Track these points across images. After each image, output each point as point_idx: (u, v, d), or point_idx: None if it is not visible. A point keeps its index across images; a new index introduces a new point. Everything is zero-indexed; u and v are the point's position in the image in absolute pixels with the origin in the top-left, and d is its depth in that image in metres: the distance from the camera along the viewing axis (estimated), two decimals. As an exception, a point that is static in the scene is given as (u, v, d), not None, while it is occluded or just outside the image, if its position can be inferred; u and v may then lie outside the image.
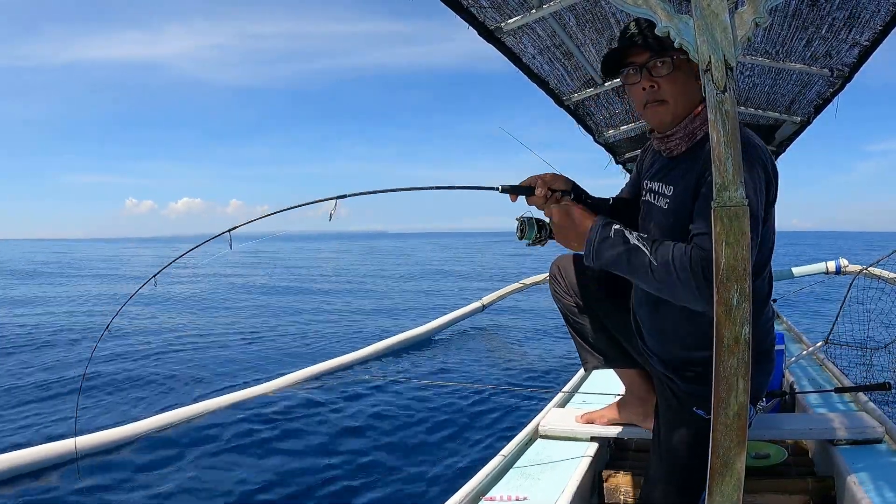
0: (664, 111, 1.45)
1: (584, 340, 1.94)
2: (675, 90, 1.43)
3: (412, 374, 5.74)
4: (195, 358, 6.66)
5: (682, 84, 1.43)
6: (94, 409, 4.69)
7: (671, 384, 1.58)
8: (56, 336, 8.07)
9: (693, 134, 1.45)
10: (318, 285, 16.88)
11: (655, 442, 1.64)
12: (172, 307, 11.58)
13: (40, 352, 7.08)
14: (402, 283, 18.08)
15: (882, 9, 1.97)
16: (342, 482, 3.31)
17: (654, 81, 1.44)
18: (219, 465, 3.50)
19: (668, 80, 1.43)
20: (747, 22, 0.94)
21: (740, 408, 0.96)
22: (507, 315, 9.81)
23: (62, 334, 8.20)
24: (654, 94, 1.45)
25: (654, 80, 1.44)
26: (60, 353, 6.99)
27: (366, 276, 20.66)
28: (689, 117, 1.44)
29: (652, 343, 1.64)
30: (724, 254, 0.94)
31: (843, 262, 5.68)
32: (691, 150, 1.45)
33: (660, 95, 1.44)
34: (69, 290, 15.34)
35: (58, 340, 7.74)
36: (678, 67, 1.41)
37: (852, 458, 1.81)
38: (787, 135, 3.85)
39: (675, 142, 1.47)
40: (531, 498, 1.67)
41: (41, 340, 7.71)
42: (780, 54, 2.51)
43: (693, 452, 1.49)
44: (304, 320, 9.67)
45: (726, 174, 0.94)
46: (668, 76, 1.42)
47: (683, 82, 1.43)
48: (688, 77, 1.42)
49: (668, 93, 1.43)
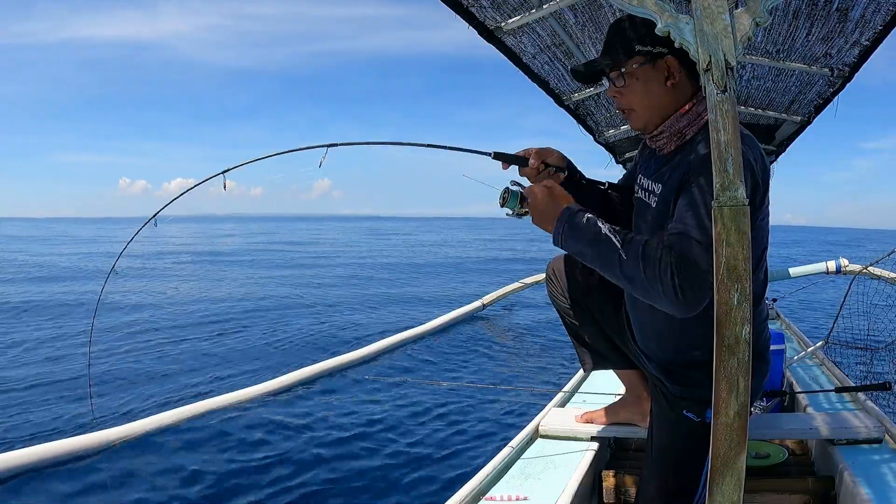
0: (634, 118, 1.49)
1: (581, 342, 1.93)
2: (635, 98, 1.45)
3: (412, 374, 5.74)
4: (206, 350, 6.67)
5: (642, 91, 1.43)
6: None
7: (661, 386, 1.59)
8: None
9: (682, 133, 1.43)
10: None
11: (648, 443, 1.65)
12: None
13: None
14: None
15: (882, 8, 1.97)
16: (342, 482, 3.31)
17: (615, 92, 1.48)
18: (218, 465, 3.50)
19: (627, 90, 1.45)
20: (747, 22, 0.94)
21: (741, 407, 0.96)
22: (506, 314, 9.81)
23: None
24: (620, 104, 1.49)
25: (616, 90, 1.47)
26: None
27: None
28: (675, 116, 1.42)
29: (642, 344, 1.65)
30: (724, 254, 0.94)
31: (843, 261, 5.69)
32: (681, 149, 1.43)
33: (625, 104, 1.48)
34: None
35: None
36: (633, 76, 1.43)
37: (852, 458, 1.81)
38: (787, 134, 3.85)
39: (664, 140, 1.47)
40: (531, 498, 1.67)
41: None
42: (780, 54, 2.51)
43: (683, 455, 1.50)
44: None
45: (726, 174, 0.94)
46: (625, 87, 1.45)
47: (643, 90, 1.43)
48: (650, 81, 1.42)
49: (631, 101, 1.46)
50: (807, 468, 2.16)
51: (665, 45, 1.38)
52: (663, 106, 1.43)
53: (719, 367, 0.96)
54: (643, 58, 1.40)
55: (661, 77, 1.40)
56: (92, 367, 5.82)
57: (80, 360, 6.10)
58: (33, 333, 7.72)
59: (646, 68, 1.41)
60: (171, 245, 29.09)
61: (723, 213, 0.94)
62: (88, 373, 5.63)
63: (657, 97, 1.42)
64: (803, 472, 2.05)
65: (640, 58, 1.40)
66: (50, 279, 14.16)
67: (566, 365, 6.10)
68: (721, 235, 0.94)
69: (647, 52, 1.39)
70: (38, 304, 10.19)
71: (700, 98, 1.39)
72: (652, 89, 1.42)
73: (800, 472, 2.05)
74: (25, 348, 6.89)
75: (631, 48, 1.41)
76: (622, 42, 1.43)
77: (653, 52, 1.39)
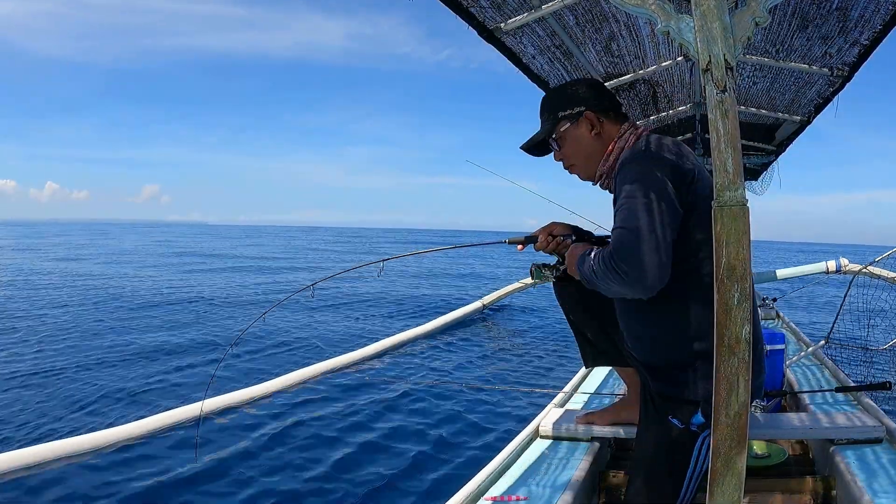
0: (579, 172, 1.69)
1: (585, 338, 1.96)
2: (572, 155, 1.66)
3: (412, 375, 5.74)
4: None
5: (575, 148, 1.64)
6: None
7: (647, 386, 1.60)
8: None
9: (613, 167, 1.58)
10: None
11: (637, 442, 1.67)
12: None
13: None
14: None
15: (882, 8, 1.97)
16: (342, 482, 3.31)
17: (559, 156, 1.70)
18: (215, 466, 3.50)
19: (565, 151, 1.67)
20: (747, 21, 0.94)
21: (741, 407, 0.96)
22: (506, 315, 9.82)
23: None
24: (565, 165, 1.70)
25: (559, 154, 1.69)
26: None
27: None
28: (604, 158, 1.60)
29: (630, 344, 1.67)
30: (724, 254, 0.94)
31: (843, 261, 5.70)
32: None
33: (567, 164, 1.70)
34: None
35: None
36: (564, 139, 1.64)
37: (852, 458, 1.80)
38: (787, 134, 3.85)
39: (608, 182, 1.63)
40: (531, 498, 1.67)
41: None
42: (779, 53, 2.51)
43: (667, 459, 1.52)
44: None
45: (726, 174, 0.94)
46: (562, 149, 1.67)
47: (576, 147, 1.64)
48: (579, 139, 1.63)
49: (571, 159, 1.67)
50: (807, 468, 2.16)
51: (581, 103, 1.61)
52: (597, 153, 1.62)
53: (719, 367, 0.96)
54: (567, 121, 1.63)
55: (587, 131, 1.61)
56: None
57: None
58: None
59: (570, 128, 1.63)
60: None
61: (723, 213, 0.94)
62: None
63: (589, 148, 1.62)
64: (803, 472, 2.05)
65: (565, 122, 1.63)
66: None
67: (566, 365, 6.10)
68: (721, 235, 0.94)
69: (567, 115, 1.62)
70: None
71: (620, 133, 1.59)
72: (582, 144, 1.63)
73: (800, 472, 2.05)
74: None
75: (556, 116, 1.64)
76: (548, 112, 1.67)
77: (573, 113, 1.62)
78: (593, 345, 1.94)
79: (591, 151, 1.62)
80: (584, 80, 1.86)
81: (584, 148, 1.62)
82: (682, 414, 1.49)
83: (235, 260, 24.45)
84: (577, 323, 1.95)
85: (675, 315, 1.48)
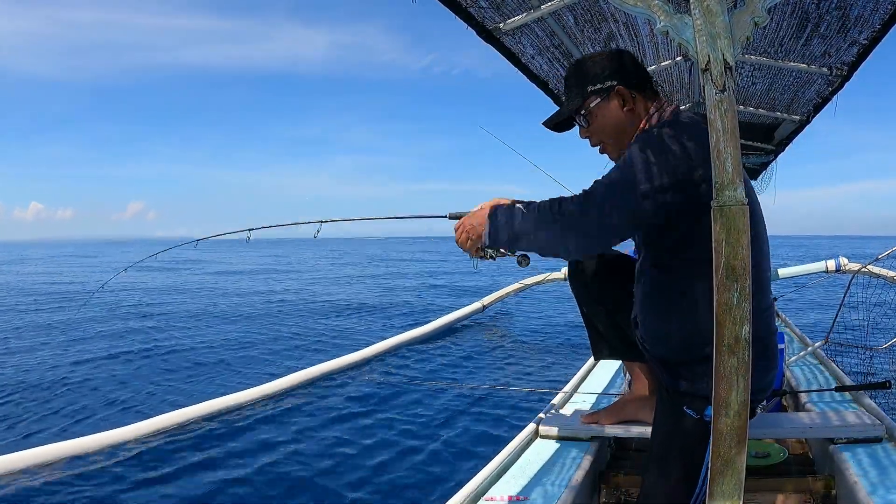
0: (609, 150, 1.58)
1: (596, 331, 1.96)
2: (603, 133, 1.55)
3: (413, 375, 5.74)
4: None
5: (606, 125, 1.53)
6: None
7: (663, 379, 1.59)
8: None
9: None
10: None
11: (653, 434, 1.65)
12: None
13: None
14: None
15: (880, 7, 1.97)
16: (342, 482, 3.31)
17: (585, 133, 1.59)
18: (219, 466, 3.50)
19: (594, 128, 1.56)
20: (746, 21, 0.94)
21: (741, 407, 0.95)
22: (506, 315, 9.82)
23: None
24: (592, 142, 1.60)
25: (585, 131, 1.59)
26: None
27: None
28: (635, 137, 1.50)
29: (644, 336, 1.65)
30: (724, 253, 0.94)
31: (842, 260, 5.70)
32: None
33: (596, 141, 1.59)
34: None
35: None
36: (594, 114, 1.53)
37: (852, 457, 1.80)
38: (786, 134, 3.85)
39: None
40: (531, 498, 1.66)
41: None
42: (779, 53, 2.51)
43: (682, 451, 1.50)
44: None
45: (726, 174, 0.94)
46: (591, 126, 1.56)
47: (606, 123, 1.53)
48: (609, 114, 1.52)
49: (601, 137, 1.56)
50: (807, 467, 2.16)
51: (612, 77, 1.50)
52: (629, 131, 1.51)
53: (719, 367, 0.96)
54: (597, 96, 1.52)
55: (618, 106, 1.51)
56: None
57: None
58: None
59: (602, 104, 1.52)
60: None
61: (723, 213, 0.94)
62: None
63: (620, 126, 1.52)
64: (803, 472, 2.05)
65: (595, 97, 1.52)
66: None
67: (566, 365, 6.10)
68: (720, 235, 0.94)
69: (598, 90, 1.51)
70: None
71: (654, 110, 1.49)
72: (613, 120, 1.52)
73: (800, 472, 2.05)
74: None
75: (585, 90, 1.53)
76: (576, 87, 1.55)
77: (604, 88, 1.50)
78: (605, 338, 1.94)
79: (626, 129, 1.52)
80: (616, 51, 1.64)
81: (616, 125, 1.53)
82: (696, 405, 1.49)
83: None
84: (590, 315, 1.95)
85: (695, 313, 1.45)
